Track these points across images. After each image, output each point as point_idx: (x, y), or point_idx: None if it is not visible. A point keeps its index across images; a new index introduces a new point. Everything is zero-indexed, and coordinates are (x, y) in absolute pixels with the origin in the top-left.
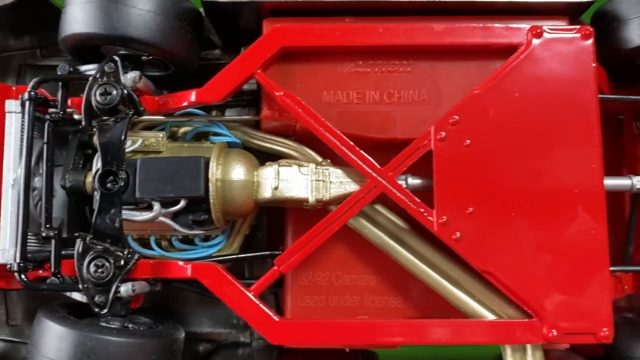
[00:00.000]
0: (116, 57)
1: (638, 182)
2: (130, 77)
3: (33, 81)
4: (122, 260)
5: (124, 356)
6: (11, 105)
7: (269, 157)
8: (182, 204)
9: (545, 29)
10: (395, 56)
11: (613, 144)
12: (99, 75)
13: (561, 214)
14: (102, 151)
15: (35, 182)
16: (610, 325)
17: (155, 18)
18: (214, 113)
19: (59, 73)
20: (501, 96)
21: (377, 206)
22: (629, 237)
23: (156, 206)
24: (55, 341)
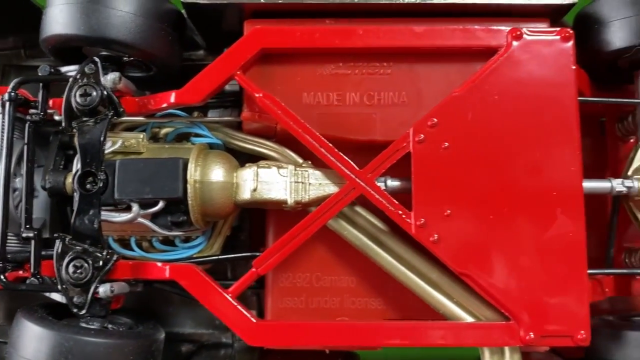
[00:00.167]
0: (96, 59)
1: (618, 184)
2: (110, 79)
3: (13, 82)
4: (100, 261)
5: (101, 357)
6: None
7: (250, 158)
8: (161, 205)
9: (525, 31)
10: (375, 58)
11: (596, 145)
12: (79, 76)
13: (539, 217)
14: (82, 152)
15: (17, 182)
16: (588, 328)
17: (135, 19)
18: (195, 114)
19: (40, 74)
20: (480, 99)
21: (357, 208)
22: (610, 239)
23: (135, 207)
24: (33, 341)
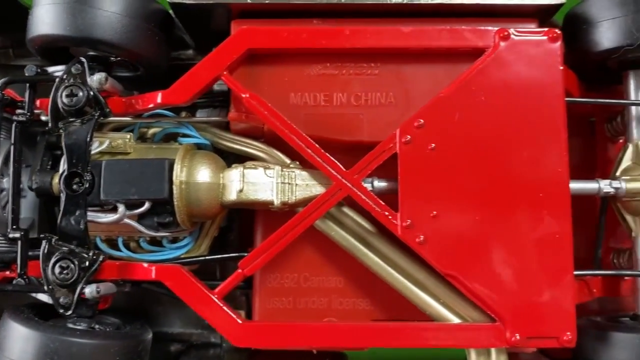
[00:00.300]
0: (83, 59)
1: (605, 185)
2: (97, 79)
3: (0, 82)
4: (87, 262)
5: (87, 357)
6: None
7: (238, 158)
8: (147, 206)
9: (512, 31)
10: (362, 59)
11: (585, 146)
12: (65, 76)
13: (526, 218)
14: (68, 153)
15: (4, 182)
16: (574, 329)
17: (121, 20)
18: (183, 114)
19: (27, 74)
20: (467, 99)
21: (345, 209)
22: (598, 240)
23: (121, 208)
24: (19, 342)
